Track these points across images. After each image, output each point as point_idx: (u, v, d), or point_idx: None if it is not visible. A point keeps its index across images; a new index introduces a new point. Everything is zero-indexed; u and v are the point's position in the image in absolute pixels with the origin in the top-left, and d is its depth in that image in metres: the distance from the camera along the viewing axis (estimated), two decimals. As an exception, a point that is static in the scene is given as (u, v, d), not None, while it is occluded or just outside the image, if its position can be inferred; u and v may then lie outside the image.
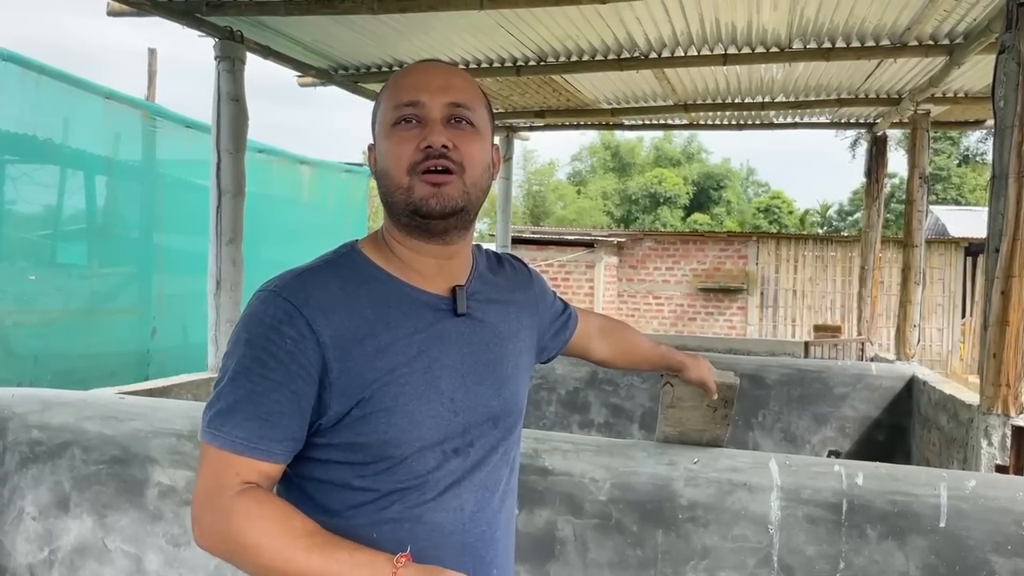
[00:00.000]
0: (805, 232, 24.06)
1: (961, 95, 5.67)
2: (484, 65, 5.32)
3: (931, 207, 18.41)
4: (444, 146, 1.15)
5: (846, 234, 21.62)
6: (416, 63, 1.25)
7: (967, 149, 32.10)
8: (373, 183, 1.30)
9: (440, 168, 1.15)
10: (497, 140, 1.29)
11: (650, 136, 34.01)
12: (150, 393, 3.60)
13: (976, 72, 4.94)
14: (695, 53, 4.89)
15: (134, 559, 2.54)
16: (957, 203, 27.17)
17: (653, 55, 4.96)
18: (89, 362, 5.54)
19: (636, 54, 4.97)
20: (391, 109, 1.19)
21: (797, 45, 4.66)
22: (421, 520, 1.15)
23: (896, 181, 26.68)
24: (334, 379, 1.10)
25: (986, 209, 3.36)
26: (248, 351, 1.10)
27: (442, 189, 1.15)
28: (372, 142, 1.26)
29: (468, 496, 1.20)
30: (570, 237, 14.50)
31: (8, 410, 2.66)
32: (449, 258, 1.23)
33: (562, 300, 1.58)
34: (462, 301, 1.22)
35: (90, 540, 2.57)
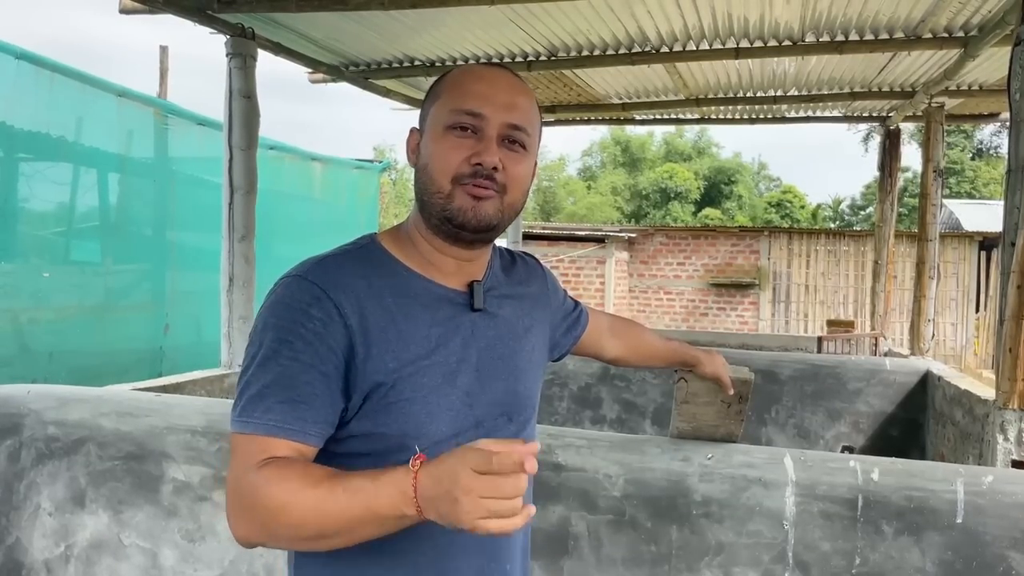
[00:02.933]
0: (817, 227, 23.93)
1: (975, 88, 5.62)
2: (495, 61, 5.31)
3: (945, 201, 18.27)
4: (494, 167, 1.15)
5: (858, 228, 21.51)
6: (483, 67, 1.23)
7: (981, 143, 31.91)
8: (384, 179, 1.29)
9: (483, 186, 1.15)
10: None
11: (660, 131, 33.95)
12: (164, 389, 3.62)
13: (991, 64, 4.89)
14: (707, 47, 4.86)
15: (150, 555, 2.56)
16: (971, 197, 27.01)
17: (664, 49, 4.94)
18: (103, 359, 5.58)
19: (647, 48, 4.95)
20: (449, 111, 1.17)
21: (810, 38, 4.63)
22: None
23: (909, 175, 26.54)
24: (360, 363, 1.09)
25: (1000, 203, 3.33)
26: (276, 335, 1.08)
27: (480, 204, 1.15)
28: (417, 127, 1.24)
29: None
30: (581, 233, 14.47)
31: (24, 406, 2.68)
32: (469, 260, 1.24)
33: (572, 298, 1.59)
34: (479, 296, 1.23)
35: (106, 536, 2.59)
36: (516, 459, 0.88)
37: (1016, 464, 3.12)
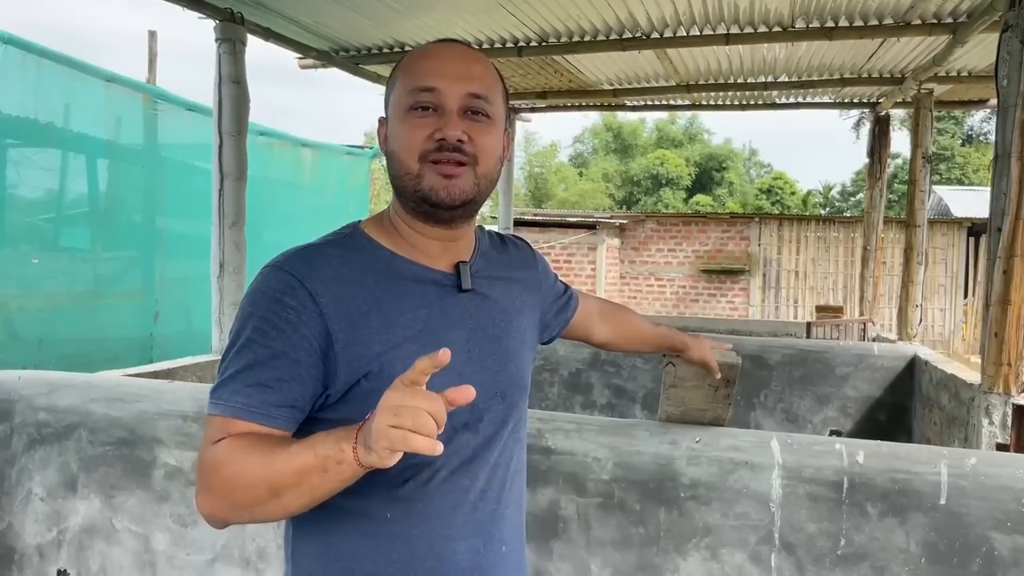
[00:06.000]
0: (807, 213, 24.00)
1: (964, 74, 5.64)
2: (485, 46, 5.29)
3: (934, 187, 18.35)
4: (459, 140, 1.14)
5: (848, 215, 21.57)
6: (434, 44, 1.22)
7: (971, 129, 31.99)
8: (375, 165, 1.30)
9: (453, 160, 1.15)
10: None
11: (652, 117, 33.92)
12: (155, 375, 3.63)
13: (979, 51, 4.91)
14: (697, 33, 4.86)
15: (142, 539, 2.57)
16: (961, 183, 27.10)
17: (655, 35, 4.94)
18: (93, 346, 5.57)
19: (638, 34, 4.95)
20: (406, 93, 1.17)
21: (799, 24, 4.63)
22: (433, 499, 1.16)
23: (899, 162, 26.58)
24: (339, 350, 1.10)
25: (989, 189, 3.36)
26: (250, 324, 1.11)
27: (453, 181, 1.15)
28: (384, 116, 1.25)
29: (480, 474, 1.21)
30: (572, 219, 14.48)
31: (15, 392, 2.68)
32: (454, 240, 1.24)
33: (562, 282, 1.60)
34: (466, 277, 1.23)
35: (98, 520, 2.60)
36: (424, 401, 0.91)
37: (1000, 447, 3.16)
